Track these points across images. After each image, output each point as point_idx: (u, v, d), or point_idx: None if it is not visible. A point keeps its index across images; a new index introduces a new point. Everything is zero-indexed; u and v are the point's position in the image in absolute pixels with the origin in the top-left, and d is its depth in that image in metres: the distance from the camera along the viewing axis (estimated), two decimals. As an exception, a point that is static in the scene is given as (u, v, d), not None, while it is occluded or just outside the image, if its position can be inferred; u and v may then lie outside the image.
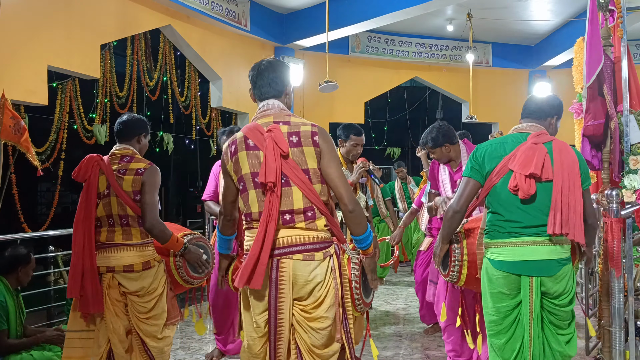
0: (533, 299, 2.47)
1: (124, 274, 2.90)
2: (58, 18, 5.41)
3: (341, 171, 2.30)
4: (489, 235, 2.61)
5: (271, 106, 2.34)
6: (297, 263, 2.19)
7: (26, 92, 5.12)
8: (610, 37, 3.55)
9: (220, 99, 7.78)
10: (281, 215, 2.19)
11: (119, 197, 2.91)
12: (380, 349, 4.41)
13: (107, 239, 2.94)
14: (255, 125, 2.28)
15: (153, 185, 2.93)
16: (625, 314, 3.30)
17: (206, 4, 6.99)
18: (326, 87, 7.29)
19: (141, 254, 2.95)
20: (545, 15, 8.69)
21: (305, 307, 2.21)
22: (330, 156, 2.28)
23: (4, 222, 9.06)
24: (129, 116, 3.16)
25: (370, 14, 7.58)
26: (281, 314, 2.19)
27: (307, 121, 2.32)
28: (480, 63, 10.01)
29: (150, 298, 2.95)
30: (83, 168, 2.98)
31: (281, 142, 2.18)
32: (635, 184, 3.39)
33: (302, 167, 2.23)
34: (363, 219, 2.32)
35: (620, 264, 3.21)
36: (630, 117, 3.44)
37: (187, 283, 3.24)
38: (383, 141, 11.33)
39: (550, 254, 2.49)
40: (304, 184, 2.21)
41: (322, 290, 2.21)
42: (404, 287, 7.07)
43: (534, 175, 2.44)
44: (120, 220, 2.93)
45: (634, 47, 9.61)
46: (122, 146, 3.06)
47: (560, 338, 2.55)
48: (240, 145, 2.28)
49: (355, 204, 2.29)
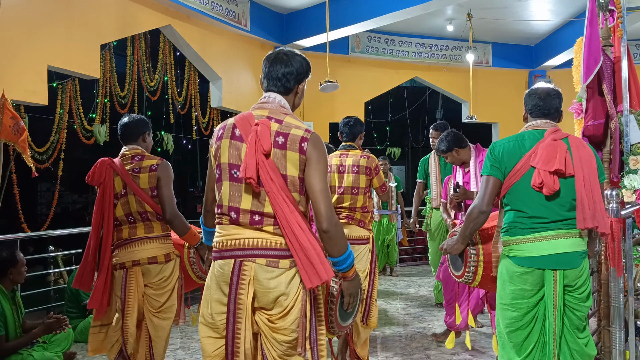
0: (557, 292, 2.48)
1: (148, 265, 3.05)
2: (58, 18, 5.41)
3: (326, 185, 2.08)
4: (509, 233, 2.58)
5: (271, 100, 2.19)
6: (259, 268, 2.03)
7: (26, 92, 5.12)
8: (610, 37, 3.55)
9: (220, 99, 7.78)
10: (251, 214, 2.05)
11: (136, 195, 3.05)
12: (380, 349, 4.41)
13: (129, 235, 3.08)
14: (248, 115, 2.14)
15: (168, 179, 3.08)
16: (625, 314, 3.30)
17: (206, 4, 6.99)
18: (327, 87, 7.29)
19: (163, 245, 3.11)
20: (545, 15, 8.69)
21: (270, 316, 2.05)
22: (317, 167, 2.06)
23: (4, 222, 9.06)
24: (129, 118, 3.23)
25: (370, 14, 7.58)
26: (239, 322, 2.04)
27: (302, 125, 2.12)
28: (480, 63, 10.01)
29: (165, 291, 3.10)
30: (97, 172, 3.09)
31: (264, 139, 2.01)
32: (635, 184, 3.39)
33: (281, 171, 2.04)
34: (341, 239, 2.09)
35: (621, 264, 3.21)
36: (630, 117, 3.44)
37: (200, 279, 3.36)
38: (384, 141, 11.33)
39: (572, 246, 2.51)
40: (278, 191, 2.02)
41: (288, 300, 2.02)
42: (404, 288, 7.07)
43: (559, 171, 2.45)
44: (141, 216, 3.08)
45: (634, 47, 9.61)
46: (130, 147, 3.18)
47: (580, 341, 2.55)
48: (227, 132, 2.14)
49: (333, 224, 2.05)
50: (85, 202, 17.00)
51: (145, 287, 3.07)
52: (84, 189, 16.87)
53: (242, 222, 2.07)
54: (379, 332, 4.93)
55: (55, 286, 5.45)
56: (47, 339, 4.09)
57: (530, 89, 2.78)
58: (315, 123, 8.69)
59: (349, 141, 3.93)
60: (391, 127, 11.47)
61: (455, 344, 4.47)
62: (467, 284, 2.97)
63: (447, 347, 3.87)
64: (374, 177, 3.83)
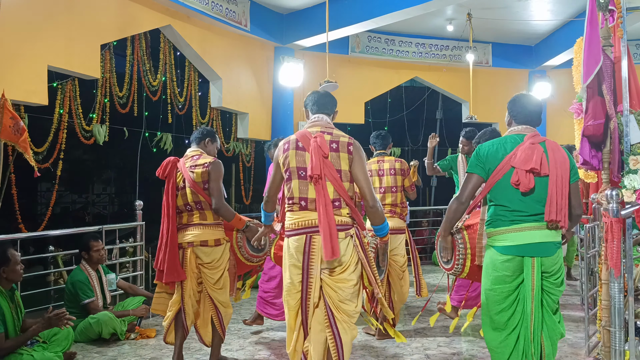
0: (535, 277, 2.82)
1: (200, 247, 3.72)
2: (58, 18, 5.41)
3: (367, 175, 2.99)
4: (493, 225, 2.91)
5: (320, 119, 3.08)
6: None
7: (26, 92, 5.12)
8: (610, 37, 3.55)
9: (220, 99, 7.78)
10: (316, 202, 2.88)
11: (192, 188, 3.70)
12: (380, 349, 4.41)
13: (187, 221, 3.75)
14: (305, 132, 3.00)
15: (217, 175, 3.71)
16: (625, 314, 3.30)
17: (206, 4, 6.98)
18: (326, 87, 7.27)
19: (214, 232, 3.76)
20: (545, 15, 8.69)
21: (333, 272, 2.90)
22: (360, 163, 2.97)
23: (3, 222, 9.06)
24: (201, 129, 4.01)
25: (370, 14, 7.58)
26: (311, 277, 2.91)
27: (346, 135, 3.03)
28: (480, 63, 10.01)
29: (217, 270, 3.76)
30: (164, 167, 3.78)
31: (324, 146, 2.90)
32: (635, 184, 3.39)
33: (337, 167, 2.92)
34: (381, 213, 3.04)
35: (620, 264, 3.21)
36: (630, 117, 3.44)
37: (248, 261, 4.07)
38: (383, 141, 11.31)
39: (548, 237, 2.84)
40: (335, 181, 2.90)
41: (346, 259, 2.90)
42: (404, 287, 7.06)
43: (534, 170, 2.78)
44: (196, 205, 3.73)
45: (634, 47, 9.61)
46: (193, 149, 3.90)
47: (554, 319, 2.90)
48: (292, 145, 3.00)
49: (376, 201, 3.00)
50: (85, 202, 17.00)
51: (201, 266, 3.74)
52: (84, 189, 16.88)
53: (309, 208, 2.93)
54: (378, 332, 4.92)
55: (55, 286, 5.44)
56: (47, 339, 4.09)
57: (515, 96, 3.12)
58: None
59: (382, 149, 4.80)
60: (391, 127, 11.46)
61: (456, 345, 4.47)
62: (457, 275, 3.36)
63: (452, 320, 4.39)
64: (406, 178, 4.70)
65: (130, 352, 4.45)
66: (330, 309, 2.92)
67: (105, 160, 15.58)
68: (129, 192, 14.84)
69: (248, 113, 8.25)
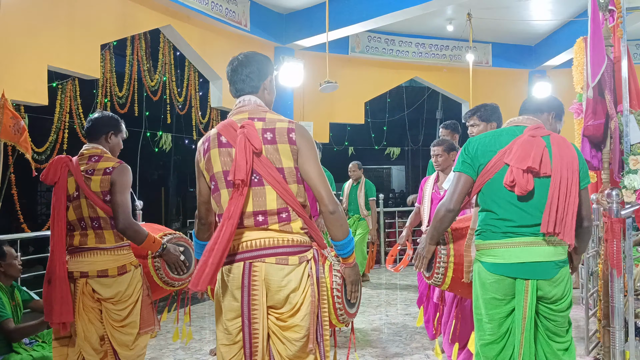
0: (527, 304, 2.28)
1: (98, 279, 2.79)
2: (58, 18, 5.41)
3: (321, 170, 2.13)
4: (482, 237, 2.39)
5: (247, 102, 2.20)
6: (270, 267, 2.05)
7: (26, 92, 5.12)
8: (610, 37, 3.55)
9: (220, 99, 7.77)
10: (254, 216, 2.08)
11: (88, 199, 2.80)
12: (380, 349, 4.41)
13: (80, 243, 2.83)
14: (229, 122, 2.15)
15: (123, 185, 2.81)
16: (625, 314, 3.30)
17: (206, 4, 6.98)
18: (326, 87, 7.29)
19: (116, 257, 2.83)
20: (545, 15, 8.69)
21: (280, 315, 2.07)
22: (309, 154, 2.11)
23: (3, 222, 9.06)
24: (98, 114, 3.02)
25: (370, 14, 7.58)
26: (255, 323, 2.05)
27: (284, 118, 2.16)
28: (480, 63, 10.00)
29: (126, 305, 2.84)
30: (52, 170, 2.85)
31: (254, 138, 2.04)
32: (635, 184, 3.39)
33: (277, 165, 2.08)
34: (345, 221, 2.14)
35: (621, 264, 3.21)
36: (630, 117, 3.45)
37: (168, 285, 3.11)
38: (383, 141, 11.33)
39: (548, 255, 2.29)
40: (278, 184, 2.06)
41: (298, 297, 2.06)
42: (403, 288, 7.06)
43: (532, 169, 2.26)
44: (92, 223, 2.82)
45: (634, 47, 9.60)
46: (90, 145, 2.94)
47: (557, 346, 2.34)
48: (212, 143, 2.14)
49: (337, 205, 2.12)
50: (85, 202, 17.00)
51: (103, 302, 2.82)
52: (84, 189, 16.88)
53: (246, 224, 2.08)
54: (378, 332, 4.93)
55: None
56: (47, 338, 4.08)
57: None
58: (315, 123, 8.69)
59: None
60: (391, 127, 11.47)
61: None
62: (436, 286, 2.76)
63: None
64: None
65: (130, 352, 4.45)
66: None
67: (105, 160, 15.53)
68: (129, 192, 14.81)
69: (248, 113, 8.24)
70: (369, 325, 5.23)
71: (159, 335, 4.88)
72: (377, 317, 5.51)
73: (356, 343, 4.56)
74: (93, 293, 2.80)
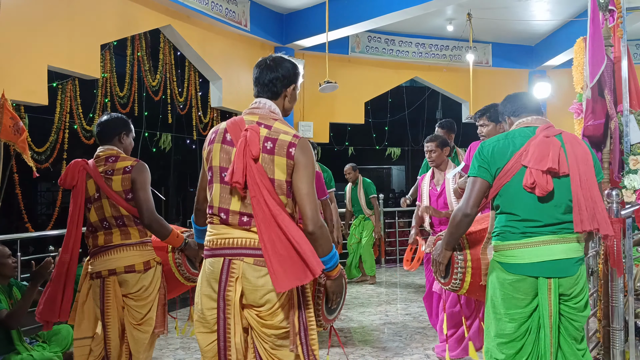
0: (552, 302, 2.31)
1: (126, 274, 2.89)
2: (58, 18, 5.41)
3: (312, 189, 2.14)
4: (500, 238, 2.41)
5: (261, 106, 2.23)
6: (247, 267, 2.11)
7: (26, 92, 5.12)
8: (610, 37, 3.55)
9: (220, 99, 7.78)
10: (240, 215, 2.13)
11: (110, 199, 2.88)
12: (380, 349, 4.41)
13: (105, 242, 2.91)
14: (239, 120, 2.20)
15: (143, 181, 2.89)
16: (625, 314, 3.30)
17: (206, 4, 6.99)
18: (326, 87, 7.29)
19: (141, 253, 2.93)
20: (545, 15, 8.69)
21: (259, 312, 2.13)
22: (304, 172, 2.13)
23: (5, 222, 9.06)
24: (108, 116, 3.09)
25: (370, 14, 7.58)
26: (229, 316, 2.12)
27: (291, 130, 2.17)
28: (480, 63, 10.00)
29: (146, 302, 2.94)
30: (69, 174, 2.93)
31: (253, 145, 2.08)
32: (635, 184, 3.39)
33: (269, 175, 2.10)
34: (326, 241, 2.15)
35: (621, 264, 3.20)
36: (630, 117, 3.44)
37: (189, 280, 3.19)
38: (383, 141, 11.33)
39: (568, 252, 2.34)
40: (268, 193, 2.08)
41: (275, 299, 2.10)
42: (404, 288, 7.06)
43: (552, 170, 2.28)
44: (116, 221, 2.90)
45: (634, 47, 9.61)
46: (105, 147, 3.02)
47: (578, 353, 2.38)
48: (218, 137, 2.21)
49: (319, 227, 2.12)
50: (85, 202, 16.99)
51: (125, 297, 2.91)
52: (84, 189, 16.87)
53: (231, 222, 2.14)
54: (378, 332, 4.93)
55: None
56: (47, 339, 4.08)
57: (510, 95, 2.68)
58: (315, 123, 8.69)
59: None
60: (391, 127, 11.47)
61: (455, 344, 4.47)
62: (454, 292, 2.75)
63: None
64: None
65: (130, 352, 4.45)
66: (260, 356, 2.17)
67: (105, 160, 15.54)
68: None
69: (248, 113, 8.24)
70: (369, 324, 5.23)
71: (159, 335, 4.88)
72: (377, 317, 5.51)
73: (356, 343, 4.56)
74: (120, 289, 2.90)
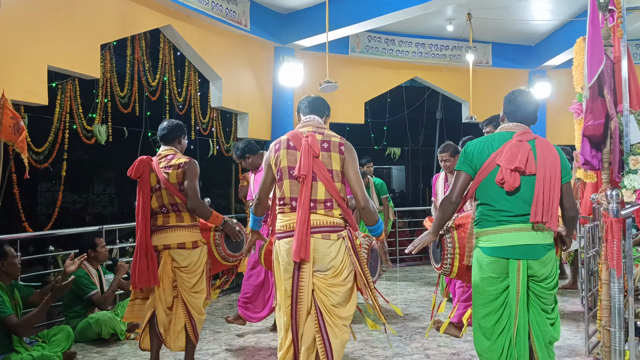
0: (520, 280, 2.73)
1: (177, 250, 3.61)
2: (58, 18, 5.41)
3: (358, 176, 2.97)
4: (479, 225, 2.85)
5: (312, 120, 3.08)
6: (317, 240, 2.86)
7: (26, 92, 5.12)
8: (610, 37, 3.55)
9: (220, 99, 7.77)
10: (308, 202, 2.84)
11: (167, 190, 3.59)
12: (380, 349, 4.41)
13: (163, 223, 3.63)
14: (297, 132, 3.01)
15: (192, 175, 3.59)
16: (625, 314, 3.30)
17: (206, 4, 6.98)
18: (326, 87, 7.28)
19: (191, 234, 3.65)
20: (545, 15, 8.69)
21: (325, 276, 2.88)
22: (352, 164, 2.96)
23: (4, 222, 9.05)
24: (168, 122, 3.81)
25: (370, 14, 7.57)
26: (302, 281, 2.86)
27: (337, 135, 3.02)
28: (480, 63, 10.00)
29: (195, 274, 3.65)
30: (136, 167, 3.63)
31: (315, 146, 2.89)
32: (635, 184, 3.39)
33: (328, 167, 2.90)
34: (374, 214, 3.01)
35: (621, 264, 3.21)
36: (630, 117, 3.44)
37: (224, 260, 3.91)
38: (383, 141, 11.32)
39: (535, 239, 2.74)
40: (327, 181, 2.88)
41: (338, 263, 2.87)
42: (404, 288, 7.06)
43: (519, 169, 2.70)
44: (172, 207, 3.63)
45: (634, 47, 9.60)
46: (166, 148, 3.75)
47: (547, 321, 2.79)
48: (283, 145, 2.99)
49: (367, 201, 2.96)
50: (85, 202, 16.99)
51: (178, 270, 3.61)
52: (84, 189, 16.87)
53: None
54: (378, 332, 4.93)
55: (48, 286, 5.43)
56: (47, 339, 4.09)
57: (511, 93, 2.99)
58: (315, 123, 8.66)
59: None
60: (391, 127, 11.46)
61: (456, 344, 4.47)
62: (446, 275, 3.24)
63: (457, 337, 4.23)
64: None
65: (130, 352, 4.45)
66: (320, 313, 2.88)
67: (106, 160, 15.58)
68: (129, 192, 14.81)
69: (248, 113, 8.24)
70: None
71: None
72: (377, 317, 5.49)
73: (356, 343, 4.56)
74: (172, 262, 3.61)
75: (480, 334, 2.85)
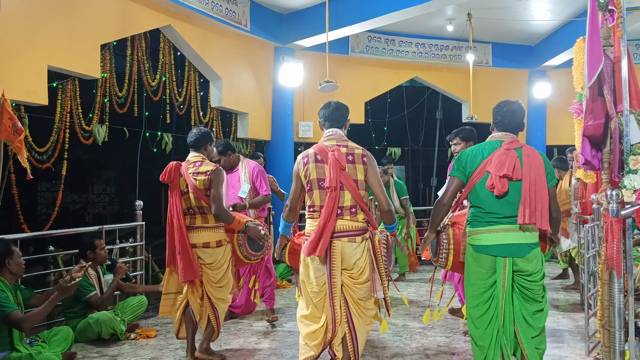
0: (505, 276, 3.02)
1: (203, 249, 3.93)
2: (58, 18, 5.41)
3: (380, 183, 3.33)
4: (471, 225, 3.16)
5: (334, 133, 3.42)
6: (344, 244, 3.25)
7: (26, 92, 5.12)
8: (610, 37, 3.55)
9: (220, 99, 7.77)
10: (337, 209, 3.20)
11: (194, 194, 3.90)
12: (380, 349, 4.41)
13: (190, 223, 3.95)
14: (322, 146, 3.35)
15: (218, 182, 3.89)
16: (625, 314, 3.30)
17: (206, 4, 6.98)
18: (326, 87, 7.28)
19: (215, 234, 3.98)
20: (545, 15, 8.69)
21: (352, 274, 3.27)
22: (374, 172, 3.32)
23: (4, 222, 9.05)
24: (197, 130, 4.07)
25: (370, 14, 7.58)
26: (334, 279, 3.24)
27: (359, 146, 3.37)
28: (480, 63, 10.00)
29: (219, 270, 3.97)
30: (169, 172, 3.94)
31: (341, 160, 3.23)
32: (635, 184, 3.39)
33: (353, 177, 3.25)
34: (392, 215, 3.38)
35: (621, 264, 3.21)
36: (630, 117, 3.44)
37: (246, 259, 4.24)
38: (383, 141, 11.31)
39: (521, 238, 3.03)
40: (353, 190, 3.24)
41: (362, 262, 3.26)
42: (404, 288, 7.06)
43: (506, 175, 2.99)
44: (199, 210, 3.94)
45: (634, 47, 9.61)
46: (194, 154, 4.04)
47: (532, 308, 3.05)
48: (311, 159, 3.34)
49: (389, 205, 3.36)
50: (85, 202, 16.99)
51: (203, 266, 3.93)
52: (84, 189, 16.87)
53: None
54: (378, 333, 4.92)
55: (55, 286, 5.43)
56: (47, 339, 4.09)
57: (498, 105, 3.28)
58: (315, 123, 8.68)
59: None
60: (391, 127, 11.45)
61: (456, 345, 4.47)
62: (442, 267, 3.61)
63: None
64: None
65: (130, 352, 4.46)
66: (348, 306, 3.28)
67: (105, 160, 15.58)
68: (129, 192, 14.82)
69: (248, 113, 8.24)
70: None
71: (158, 335, 4.89)
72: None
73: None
74: (198, 259, 3.91)
75: (471, 322, 3.16)
